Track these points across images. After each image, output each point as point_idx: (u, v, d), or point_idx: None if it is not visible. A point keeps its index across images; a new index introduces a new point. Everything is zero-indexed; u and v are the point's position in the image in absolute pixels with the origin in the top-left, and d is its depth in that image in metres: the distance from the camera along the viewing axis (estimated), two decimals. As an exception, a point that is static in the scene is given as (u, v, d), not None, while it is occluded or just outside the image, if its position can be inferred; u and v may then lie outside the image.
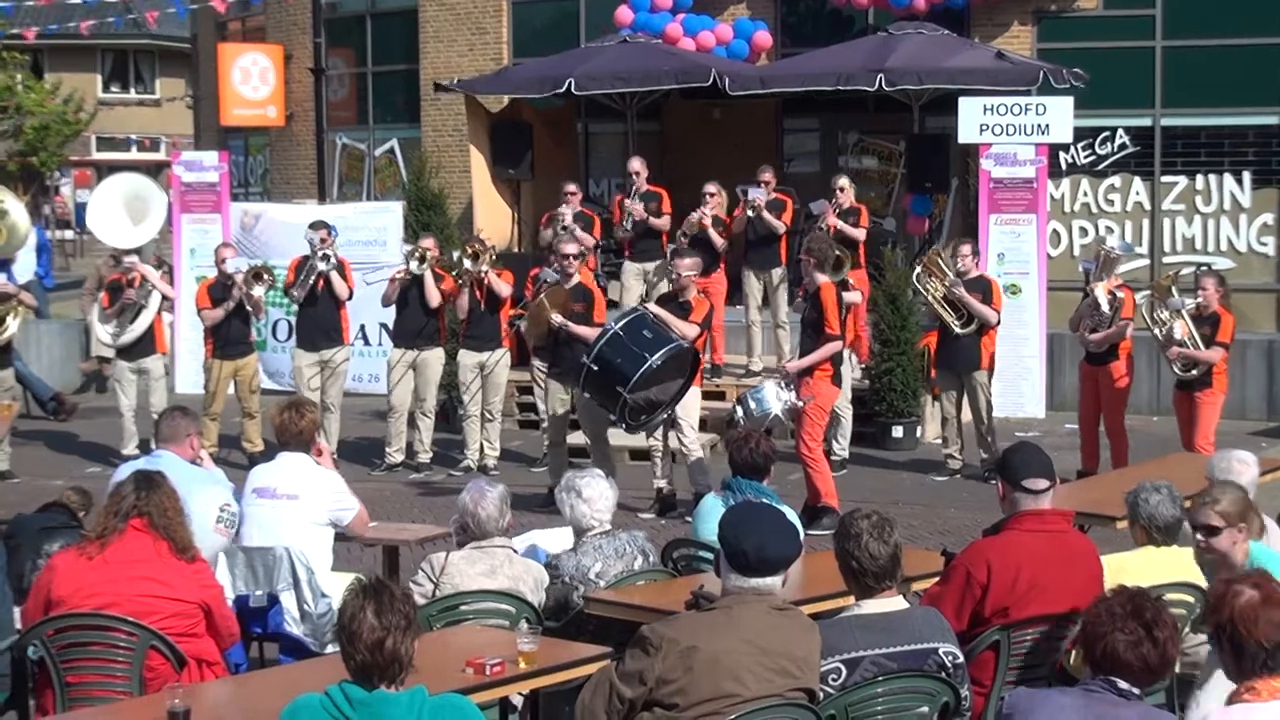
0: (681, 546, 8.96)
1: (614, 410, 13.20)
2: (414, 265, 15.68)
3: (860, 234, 17.54)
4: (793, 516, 8.63)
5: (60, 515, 9.82)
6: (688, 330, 13.46)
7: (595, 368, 13.01)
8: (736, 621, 5.73)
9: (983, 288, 15.22)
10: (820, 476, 13.40)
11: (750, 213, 17.63)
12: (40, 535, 9.25)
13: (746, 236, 18.06)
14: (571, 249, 14.50)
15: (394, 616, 5.05)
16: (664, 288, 16.62)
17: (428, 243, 16.13)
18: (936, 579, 7.21)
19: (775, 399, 12.94)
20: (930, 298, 15.31)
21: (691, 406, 13.97)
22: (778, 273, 17.91)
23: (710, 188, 17.89)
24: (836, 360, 13.54)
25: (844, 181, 18.02)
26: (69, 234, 51.12)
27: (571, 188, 18.44)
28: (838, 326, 13.32)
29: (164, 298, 16.54)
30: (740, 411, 12.99)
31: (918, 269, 15.78)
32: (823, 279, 13.32)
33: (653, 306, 13.90)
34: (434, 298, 15.77)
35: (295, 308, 16.55)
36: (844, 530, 6.26)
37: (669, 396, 13.38)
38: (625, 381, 12.81)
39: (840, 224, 17.27)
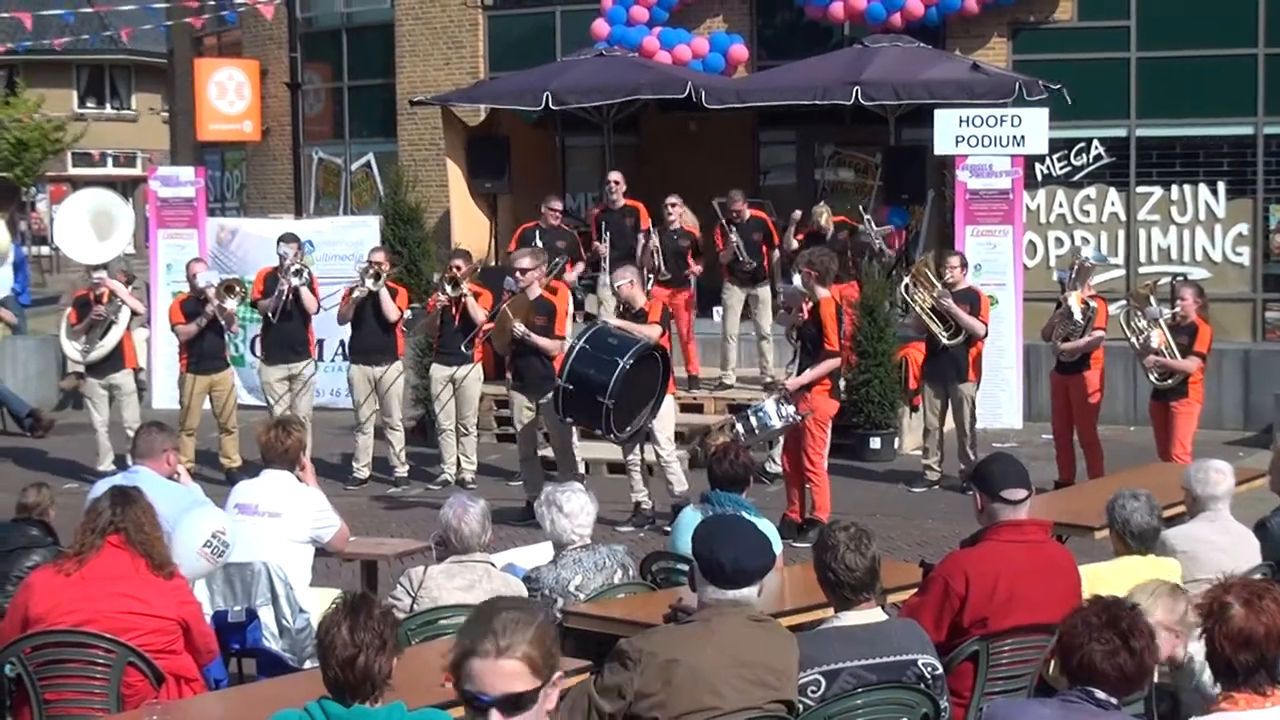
0: (660, 559, 8.96)
1: (598, 424, 13.23)
2: (369, 282, 15.62)
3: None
4: (770, 528, 8.66)
5: (26, 527, 9.38)
6: (650, 331, 13.60)
7: (570, 386, 13.06)
8: (715, 634, 5.73)
9: (970, 299, 15.25)
10: (820, 491, 13.43)
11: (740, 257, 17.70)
12: (10, 557, 8.88)
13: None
14: (526, 263, 14.51)
15: (367, 634, 5.04)
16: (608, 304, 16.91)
17: (378, 257, 16.04)
18: (915, 590, 7.21)
19: (776, 415, 12.98)
20: (919, 309, 15.32)
21: (667, 418, 14.00)
22: (762, 289, 17.91)
23: (671, 199, 17.92)
24: (835, 374, 13.59)
25: (821, 210, 18.05)
26: (45, 250, 50.98)
27: (555, 204, 18.42)
28: (837, 342, 13.37)
29: (133, 313, 16.50)
30: (742, 427, 13.02)
31: (906, 280, 15.79)
32: (823, 293, 13.36)
33: (609, 319, 14.01)
34: (391, 313, 15.74)
35: (262, 322, 16.50)
36: (822, 542, 6.27)
37: (648, 409, 13.44)
38: (604, 389, 12.87)
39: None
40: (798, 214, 18.16)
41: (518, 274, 14.40)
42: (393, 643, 5.11)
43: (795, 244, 17.50)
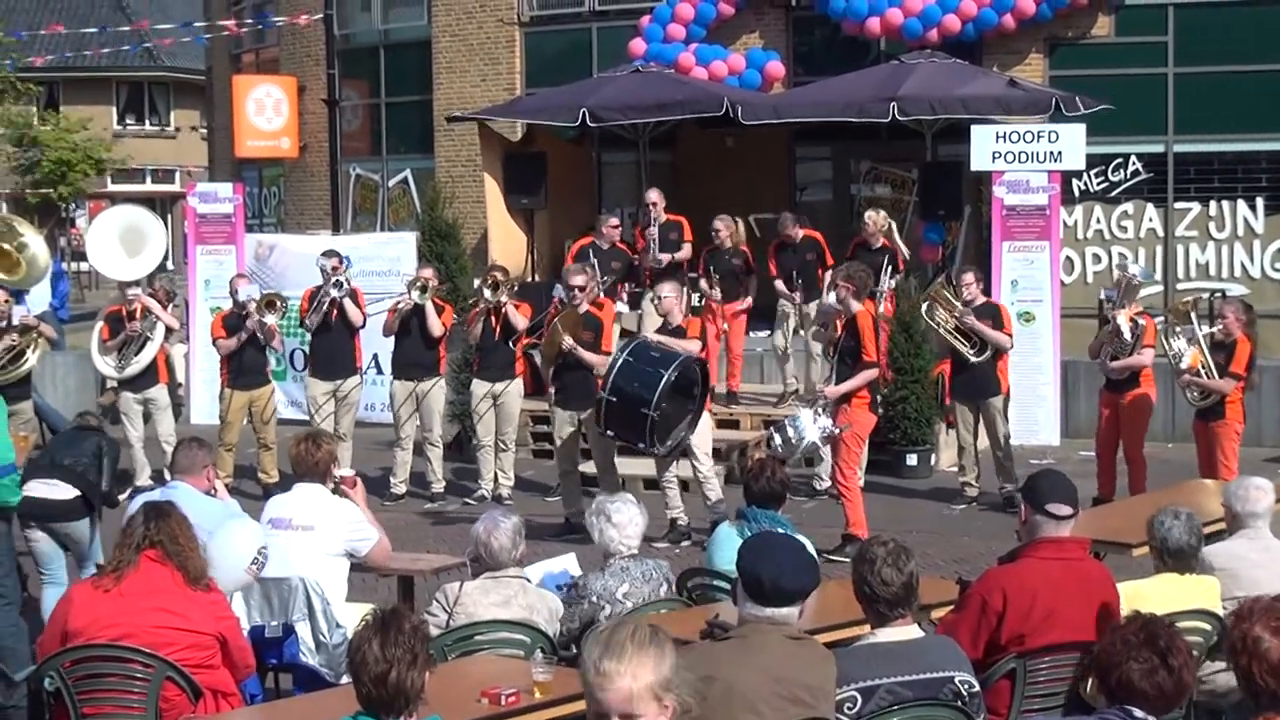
0: (696, 576, 8.95)
1: (641, 437, 13.25)
2: (415, 295, 15.66)
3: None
4: (809, 546, 8.65)
5: (87, 429, 11.46)
6: (690, 346, 13.62)
7: (614, 399, 13.07)
8: (752, 651, 5.72)
9: (992, 313, 15.21)
10: (852, 506, 13.40)
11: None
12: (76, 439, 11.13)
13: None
14: (580, 280, 14.55)
15: (398, 650, 5.05)
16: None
17: (427, 273, 16.11)
18: (952, 607, 7.19)
19: (812, 426, 12.95)
20: (942, 330, 15.28)
21: (704, 433, 13.99)
22: (815, 305, 17.86)
23: (717, 220, 17.92)
24: (873, 388, 13.57)
25: (869, 217, 18.01)
26: (84, 265, 51.28)
27: (614, 221, 18.36)
28: (875, 353, 13.36)
29: (168, 329, 16.57)
30: (778, 439, 13.00)
31: (924, 304, 15.76)
32: (858, 307, 13.35)
33: (649, 334, 14.04)
34: (435, 328, 15.77)
35: (309, 336, 16.58)
36: (860, 557, 6.26)
37: (686, 424, 13.46)
38: (647, 402, 12.90)
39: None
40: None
41: (575, 291, 14.42)
42: (424, 657, 5.11)
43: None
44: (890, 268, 17.43)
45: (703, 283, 17.53)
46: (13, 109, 44.65)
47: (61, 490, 10.78)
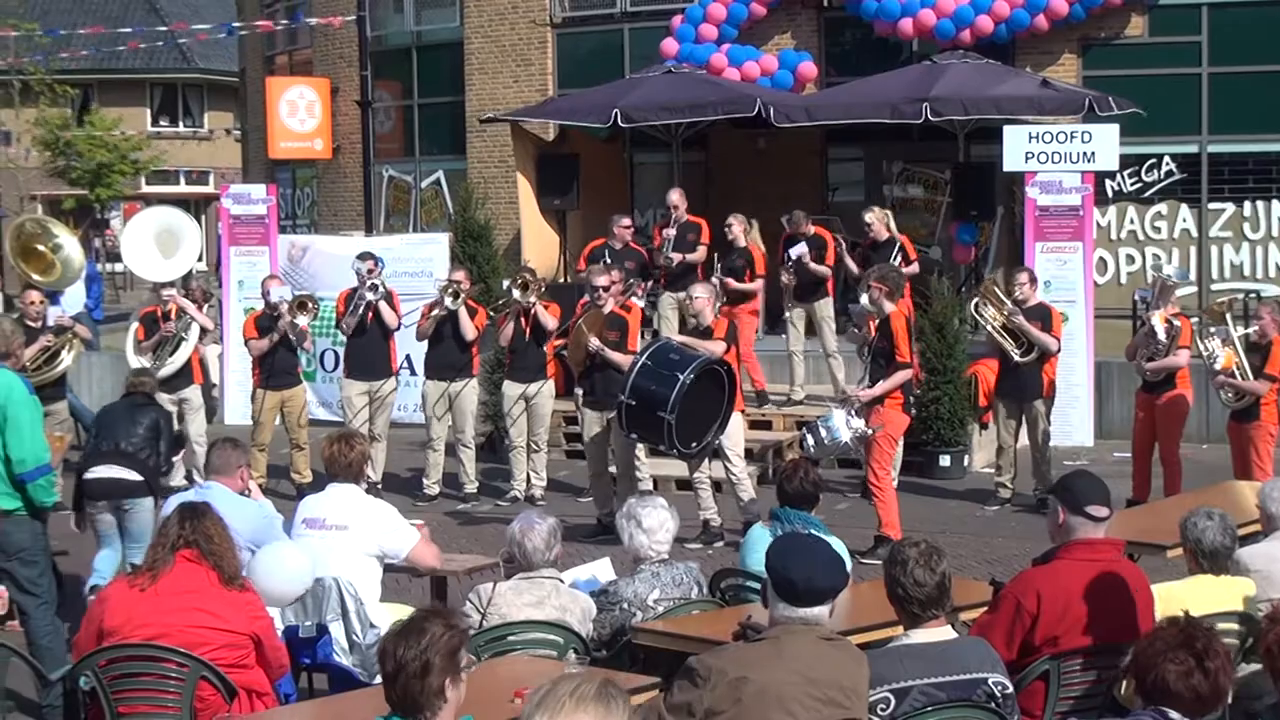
0: (729, 576, 8.95)
1: (661, 439, 13.24)
2: (448, 301, 15.68)
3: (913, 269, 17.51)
4: (841, 547, 8.64)
5: (139, 398, 12.10)
6: (714, 348, 13.58)
7: (633, 402, 13.08)
8: (785, 652, 5.71)
9: (1042, 315, 15.10)
10: (885, 506, 13.37)
11: (789, 273, 17.68)
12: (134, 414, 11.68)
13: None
14: (602, 280, 14.57)
15: (409, 651, 5.06)
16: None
17: (459, 275, 16.15)
18: (985, 608, 7.18)
19: (845, 427, 12.94)
20: (990, 327, 15.22)
21: (736, 435, 13.98)
22: (821, 304, 17.90)
23: (730, 219, 17.95)
24: (907, 389, 13.55)
25: (871, 216, 18.01)
26: (118, 267, 51.49)
27: (625, 221, 18.38)
28: (909, 354, 13.34)
29: (203, 329, 16.61)
30: (811, 439, 13.00)
31: (975, 299, 15.70)
32: (891, 308, 13.33)
33: (674, 335, 14.03)
34: (469, 331, 15.79)
35: (344, 338, 16.63)
36: (892, 558, 6.25)
37: (715, 425, 13.43)
38: (664, 404, 12.88)
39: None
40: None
41: (599, 291, 14.45)
42: (443, 662, 5.09)
43: (855, 267, 17.60)
44: (901, 256, 17.42)
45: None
46: (48, 111, 44.89)
47: (126, 473, 11.39)
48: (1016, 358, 15.00)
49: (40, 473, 9.28)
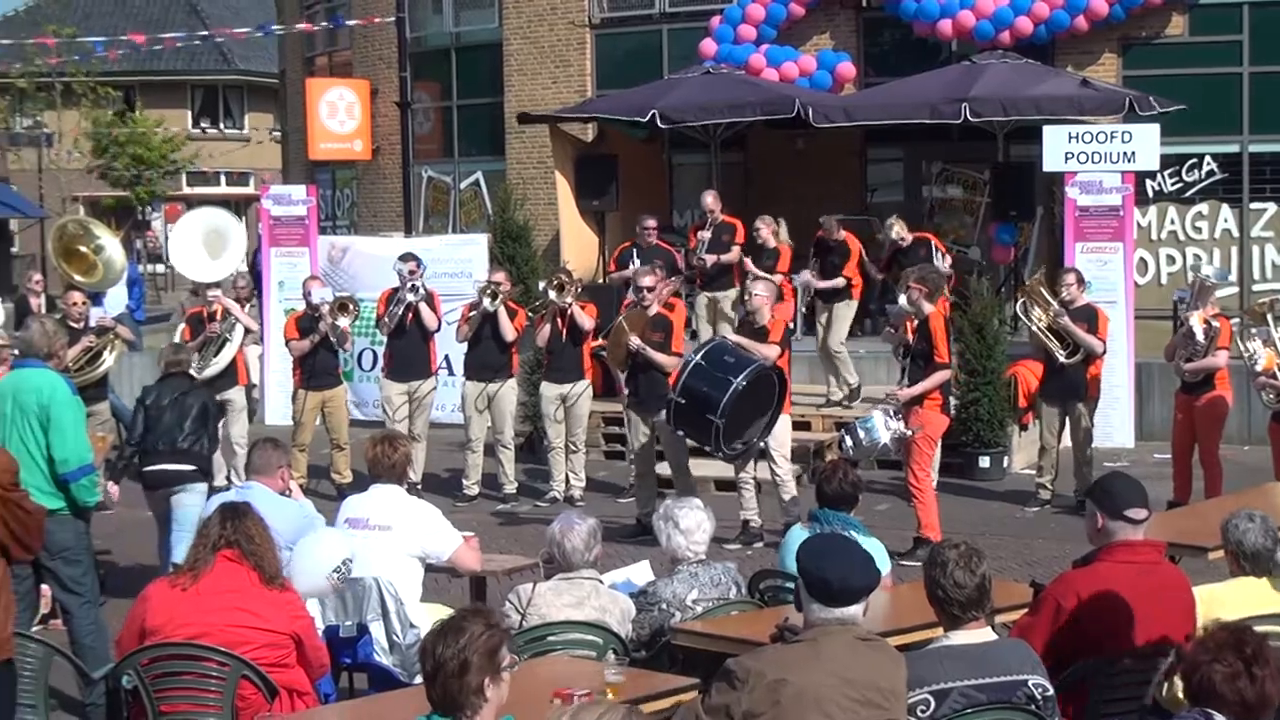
0: (768, 577, 8.95)
1: (708, 440, 13.24)
2: (487, 302, 15.71)
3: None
4: (880, 548, 8.64)
5: (179, 381, 12.50)
6: (768, 352, 13.52)
7: (682, 400, 13.07)
8: (823, 653, 5.71)
9: (1088, 316, 15.03)
10: (925, 508, 13.34)
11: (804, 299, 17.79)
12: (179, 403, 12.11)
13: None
14: (648, 281, 14.57)
15: (450, 650, 5.08)
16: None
17: (499, 277, 16.19)
18: (1025, 610, 7.16)
19: (884, 428, 12.93)
20: (1035, 328, 15.17)
21: (783, 435, 13.97)
22: (840, 305, 17.90)
23: (759, 220, 17.98)
24: (946, 390, 13.53)
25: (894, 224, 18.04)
26: (160, 268, 51.72)
27: (650, 222, 18.40)
28: (947, 355, 13.32)
29: (247, 330, 16.65)
30: (850, 441, 13.00)
31: (1020, 299, 15.65)
32: (929, 308, 13.32)
33: (730, 334, 13.98)
34: (508, 332, 15.82)
35: (383, 338, 16.68)
36: (932, 559, 6.25)
37: (760, 427, 13.42)
38: (715, 408, 12.88)
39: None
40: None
41: (644, 292, 14.45)
42: (482, 660, 5.11)
43: (878, 272, 17.62)
44: (938, 254, 17.42)
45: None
46: (92, 113, 45.13)
47: (182, 467, 12.00)
48: (1062, 359, 14.94)
49: (83, 472, 9.34)
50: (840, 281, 17.85)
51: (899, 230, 17.83)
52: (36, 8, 51.58)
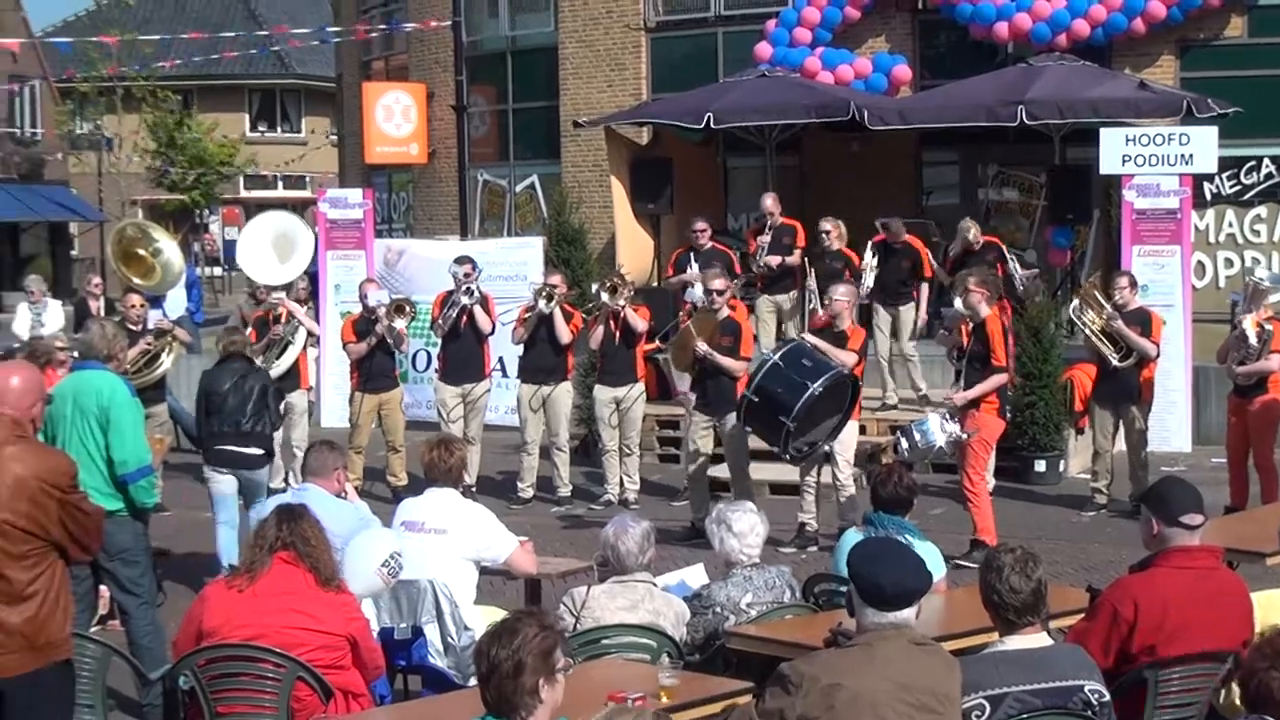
0: (823, 581, 8.94)
1: (777, 442, 13.23)
2: (543, 304, 15.75)
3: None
4: (933, 551, 8.62)
5: (238, 363, 13.12)
6: (847, 358, 13.48)
7: (756, 399, 13.06)
8: (878, 658, 5.70)
9: (1141, 320, 14.97)
10: (980, 511, 13.31)
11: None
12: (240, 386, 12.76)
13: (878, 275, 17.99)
14: (719, 284, 14.51)
15: (505, 651, 5.10)
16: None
17: (555, 279, 16.22)
18: (1082, 615, 7.14)
19: (940, 431, 12.89)
20: (1088, 331, 15.11)
21: (849, 440, 13.93)
22: (905, 309, 17.86)
23: (826, 222, 17.92)
24: (1002, 394, 13.49)
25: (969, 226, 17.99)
26: (217, 270, 52.07)
27: (700, 224, 18.38)
28: (1004, 358, 13.28)
29: (309, 334, 16.71)
30: (905, 443, 12.97)
31: (1074, 301, 15.60)
32: (987, 311, 13.28)
33: (810, 336, 13.94)
34: (564, 335, 15.84)
35: (438, 340, 16.73)
36: (988, 564, 6.23)
37: (828, 430, 13.39)
38: (788, 411, 12.86)
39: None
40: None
41: (714, 295, 14.42)
42: (536, 662, 5.13)
43: (946, 274, 17.54)
44: (1012, 259, 17.37)
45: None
46: (151, 116, 45.48)
47: (248, 449, 12.76)
48: (1115, 362, 14.87)
49: (141, 474, 9.41)
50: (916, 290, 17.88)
51: (975, 233, 17.78)
52: (97, 12, 52.01)
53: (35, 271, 35.14)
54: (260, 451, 12.91)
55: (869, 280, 17.71)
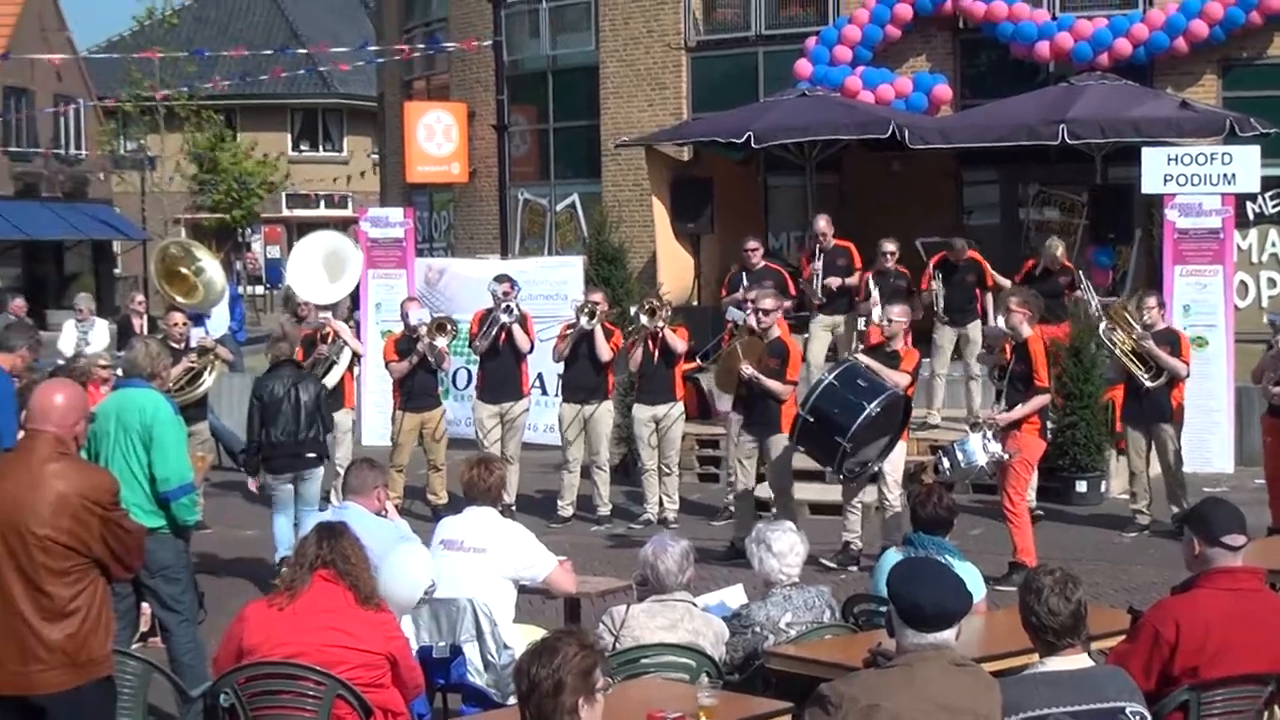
0: (862, 601, 8.93)
1: (830, 461, 13.22)
2: (584, 320, 15.77)
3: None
4: (973, 571, 8.60)
5: (288, 370, 13.84)
6: (900, 379, 13.49)
7: (811, 419, 13.05)
8: (917, 679, 5.68)
9: (1171, 340, 14.97)
10: (1020, 532, 13.26)
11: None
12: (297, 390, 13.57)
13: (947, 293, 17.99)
14: (769, 304, 14.47)
15: (545, 670, 5.11)
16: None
17: (597, 296, 16.24)
18: (1123, 637, 7.11)
19: (981, 451, 12.87)
20: (1118, 351, 15.09)
21: (898, 461, 13.91)
22: (972, 327, 17.81)
23: (889, 245, 17.89)
24: (1044, 414, 13.45)
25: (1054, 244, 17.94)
26: (259, 289, 52.28)
27: (753, 243, 18.35)
28: (1047, 379, 13.25)
29: (355, 354, 16.74)
30: (946, 463, 12.95)
31: (1103, 323, 15.57)
32: (1028, 332, 13.26)
33: (863, 356, 13.94)
34: (605, 352, 15.86)
35: (476, 359, 16.75)
36: (1027, 585, 6.21)
37: (879, 450, 13.38)
38: (844, 431, 12.86)
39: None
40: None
41: (760, 315, 14.38)
42: (576, 681, 5.13)
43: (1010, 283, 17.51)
44: (1086, 285, 17.35)
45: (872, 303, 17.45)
46: (195, 136, 45.76)
47: (304, 453, 13.61)
48: (1145, 382, 14.85)
49: (184, 491, 9.46)
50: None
51: (1060, 253, 17.75)
52: (141, 33, 52.37)
53: (80, 290, 35.36)
54: (313, 455, 13.75)
55: (940, 303, 17.72)
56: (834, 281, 18.19)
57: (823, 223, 18.59)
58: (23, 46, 43.33)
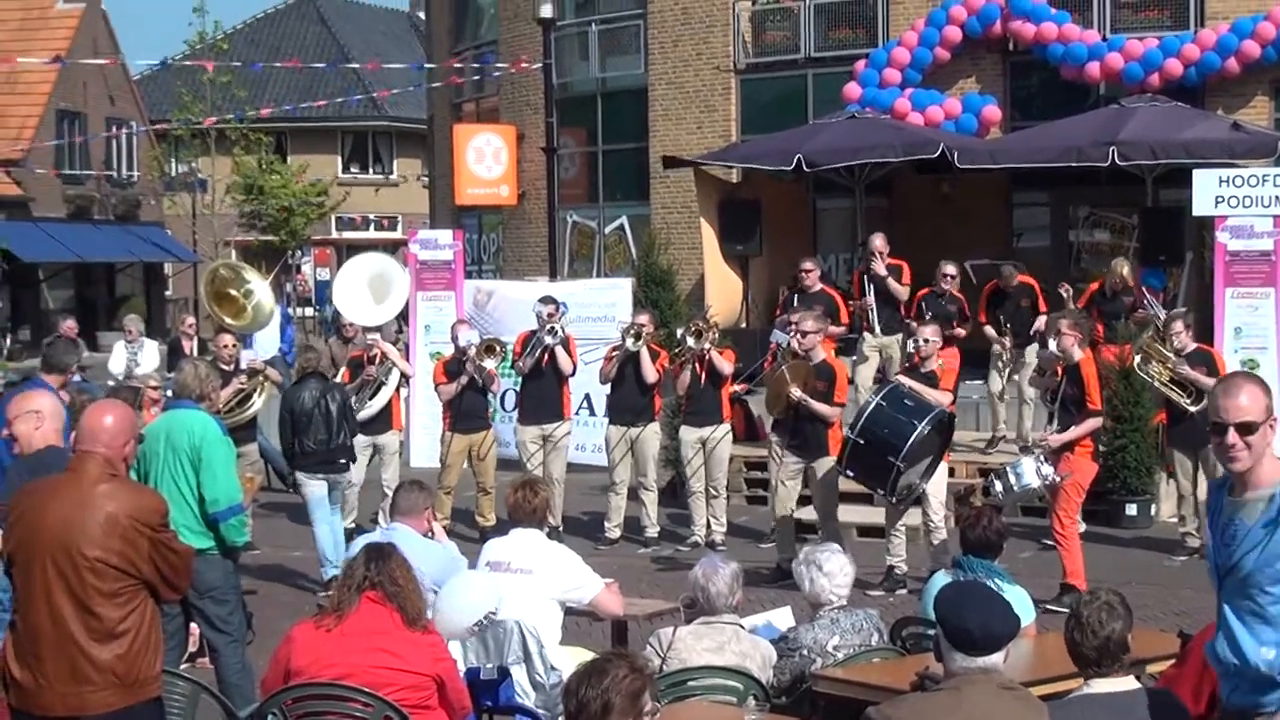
0: (910, 624, 8.89)
1: (882, 483, 13.22)
2: (630, 342, 15.78)
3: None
4: (1022, 595, 8.55)
5: (315, 381, 14.40)
6: (942, 398, 13.53)
7: (861, 441, 13.04)
8: (965, 702, 5.65)
9: (1205, 359, 14.92)
10: (1069, 555, 13.22)
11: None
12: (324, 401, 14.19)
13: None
14: (810, 325, 14.45)
15: (593, 691, 5.10)
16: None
17: (643, 319, 16.24)
18: (1173, 661, 7.06)
19: (1034, 474, 12.85)
20: (1157, 383, 15.06)
21: (940, 483, 13.89)
22: (1030, 349, 17.76)
23: (949, 268, 17.86)
24: (1096, 437, 13.41)
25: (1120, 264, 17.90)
26: (309, 311, 52.44)
27: (808, 264, 18.27)
28: (1099, 401, 13.22)
29: (403, 375, 16.78)
30: (999, 485, 12.93)
31: (1137, 358, 15.52)
32: (1079, 355, 13.22)
33: (903, 378, 13.94)
34: (650, 374, 15.85)
35: (519, 379, 16.77)
36: (1075, 609, 6.18)
37: (922, 471, 13.38)
38: (896, 451, 12.88)
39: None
40: (1067, 288, 17.96)
41: (800, 336, 14.38)
42: (624, 703, 5.13)
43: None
44: (1148, 308, 17.29)
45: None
46: (244, 159, 46.02)
47: (338, 459, 14.32)
48: (1188, 407, 14.78)
49: (232, 512, 9.50)
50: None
51: (1126, 272, 17.72)
52: (192, 55, 52.72)
53: (130, 311, 35.59)
54: (344, 460, 14.49)
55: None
56: (871, 300, 18.18)
57: (879, 241, 18.50)
58: (77, 68, 43.74)
